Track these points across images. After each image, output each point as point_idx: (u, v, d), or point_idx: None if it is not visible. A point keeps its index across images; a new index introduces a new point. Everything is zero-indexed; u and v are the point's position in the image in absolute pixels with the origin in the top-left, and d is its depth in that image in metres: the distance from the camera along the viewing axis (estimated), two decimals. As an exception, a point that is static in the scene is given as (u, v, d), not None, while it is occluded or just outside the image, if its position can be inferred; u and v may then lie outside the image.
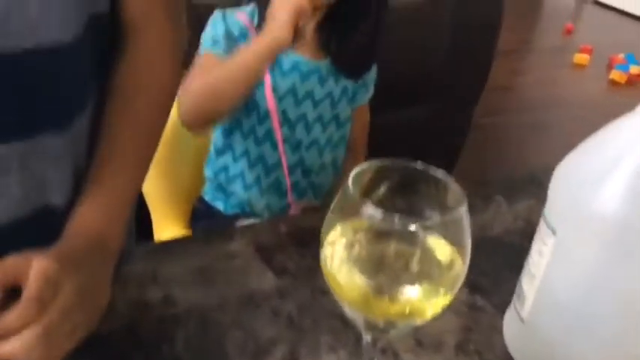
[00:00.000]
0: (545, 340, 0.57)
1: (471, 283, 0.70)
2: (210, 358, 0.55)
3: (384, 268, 0.44)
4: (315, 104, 1.06)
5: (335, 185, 1.13)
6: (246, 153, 1.06)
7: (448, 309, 0.67)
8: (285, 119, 1.04)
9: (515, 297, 0.61)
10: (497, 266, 0.73)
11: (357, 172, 0.42)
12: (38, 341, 0.45)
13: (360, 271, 0.43)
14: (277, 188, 1.07)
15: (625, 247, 0.50)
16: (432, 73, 1.74)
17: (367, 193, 0.44)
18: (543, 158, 0.64)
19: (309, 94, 1.05)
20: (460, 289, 0.70)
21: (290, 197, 1.07)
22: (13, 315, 0.45)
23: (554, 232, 0.54)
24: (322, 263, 0.43)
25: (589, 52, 3.37)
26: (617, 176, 0.50)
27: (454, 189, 0.43)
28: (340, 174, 1.14)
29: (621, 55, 3.30)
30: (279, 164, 1.05)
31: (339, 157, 1.14)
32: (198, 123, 0.97)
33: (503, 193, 0.88)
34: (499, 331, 0.64)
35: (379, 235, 0.44)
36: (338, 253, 0.43)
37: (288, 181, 1.06)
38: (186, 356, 0.55)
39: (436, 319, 0.65)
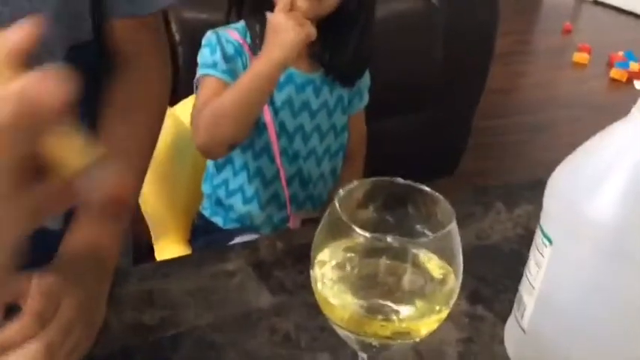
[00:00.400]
0: (547, 349, 0.56)
1: (471, 293, 0.69)
2: (206, 381, 0.55)
3: (376, 288, 0.44)
4: (312, 115, 1.06)
5: (333, 195, 1.12)
6: (245, 166, 1.06)
7: (448, 320, 0.67)
8: (282, 131, 1.04)
9: (515, 307, 0.61)
10: (497, 275, 0.73)
11: (344, 193, 0.42)
12: (40, 357, 0.45)
13: (351, 291, 0.43)
14: (276, 200, 1.07)
15: (622, 253, 0.49)
16: (430, 79, 1.74)
17: (356, 211, 0.44)
18: (546, 160, 0.64)
19: (306, 105, 1.05)
20: (460, 299, 0.70)
21: (289, 209, 1.07)
22: (14, 329, 0.44)
23: (550, 242, 0.53)
24: (313, 284, 0.43)
25: (588, 50, 3.36)
26: (612, 182, 0.49)
27: (443, 205, 0.43)
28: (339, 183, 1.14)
29: (621, 53, 3.28)
30: (277, 176, 1.05)
31: (338, 166, 1.14)
32: (215, 149, 0.98)
33: (503, 200, 0.88)
34: (500, 340, 0.63)
35: (369, 254, 0.43)
36: (328, 273, 0.43)
37: (286, 193, 1.06)
38: (182, 379, 0.55)
39: (436, 330, 0.65)
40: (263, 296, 0.65)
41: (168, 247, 1.10)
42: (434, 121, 1.81)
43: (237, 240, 0.99)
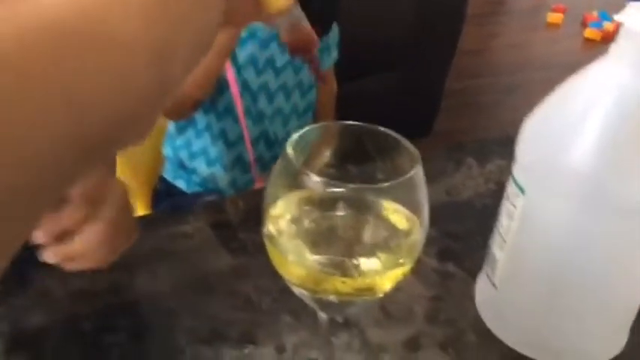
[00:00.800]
0: (519, 306, 0.54)
1: (442, 250, 0.67)
2: (157, 347, 0.51)
3: (335, 242, 0.40)
4: (277, 72, 1.01)
5: None
6: (208, 127, 1.01)
7: (417, 277, 0.64)
8: (246, 90, 0.99)
9: (486, 262, 0.58)
10: (468, 231, 0.70)
11: (296, 138, 0.38)
12: (105, 236, 0.44)
13: (308, 247, 0.39)
14: (241, 162, 1.03)
15: (598, 202, 0.46)
16: (401, 39, 1.70)
17: (310, 159, 0.40)
18: (520, 120, 0.61)
19: (270, 62, 1.00)
20: (430, 256, 0.67)
21: (254, 171, 1.03)
22: (67, 217, 0.42)
23: (522, 192, 0.50)
24: (265, 241, 0.39)
25: (562, 11, 3.33)
26: (586, 129, 0.46)
27: (407, 148, 0.39)
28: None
29: (595, 13, 3.26)
30: (241, 137, 1.01)
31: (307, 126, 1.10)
32: (177, 108, 0.93)
33: (475, 156, 0.85)
34: (471, 298, 0.60)
35: (326, 206, 0.40)
36: (282, 228, 0.39)
37: (251, 155, 1.02)
38: (130, 347, 0.51)
39: (405, 288, 0.62)
40: (223, 258, 0.61)
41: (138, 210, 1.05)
42: (406, 83, 1.77)
43: (202, 204, 0.94)
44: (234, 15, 0.32)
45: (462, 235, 0.69)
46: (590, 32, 3.12)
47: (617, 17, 0.45)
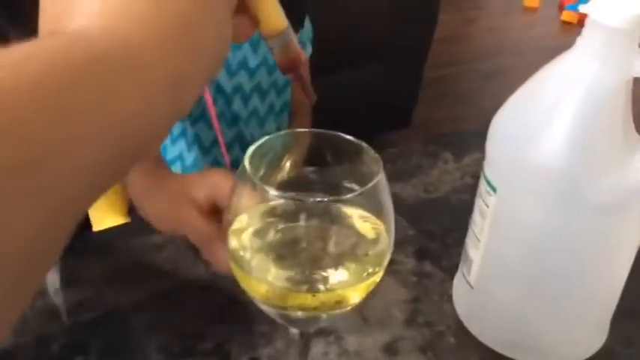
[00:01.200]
0: (496, 306, 0.53)
1: (419, 250, 0.66)
2: (128, 366, 0.50)
3: (301, 255, 0.39)
4: (251, 73, 0.99)
5: None
6: (183, 134, 0.99)
7: (395, 279, 0.63)
8: (219, 93, 0.97)
9: (461, 262, 0.57)
10: (445, 228, 0.69)
11: (254, 149, 0.37)
12: None
13: (272, 261, 0.38)
14: (217, 167, 1.01)
15: (571, 200, 0.45)
16: (376, 29, 1.68)
17: (271, 170, 0.39)
18: (499, 108, 0.61)
19: (243, 64, 0.98)
20: (407, 256, 0.66)
21: (231, 175, 1.01)
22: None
23: (494, 190, 0.49)
24: (229, 257, 0.38)
25: (539, -6, 3.33)
26: (555, 124, 0.45)
27: (368, 154, 0.38)
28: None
29: (571, -5, 3.27)
30: (216, 142, 0.99)
31: (284, 126, 1.08)
32: None
33: (451, 149, 0.84)
34: (449, 298, 0.59)
35: (291, 217, 0.38)
36: (245, 243, 0.38)
37: (227, 159, 1.00)
38: (104, 366, 0.50)
39: (382, 291, 0.61)
40: (195, 270, 0.60)
41: (106, 221, 1.03)
42: (383, 74, 1.76)
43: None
44: (234, 36, 0.33)
45: (438, 233, 0.68)
46: (567, 15, 3.13)
47: (582, 8, 0.44)
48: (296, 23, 1.03)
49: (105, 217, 1.05)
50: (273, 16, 0.36)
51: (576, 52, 0.45)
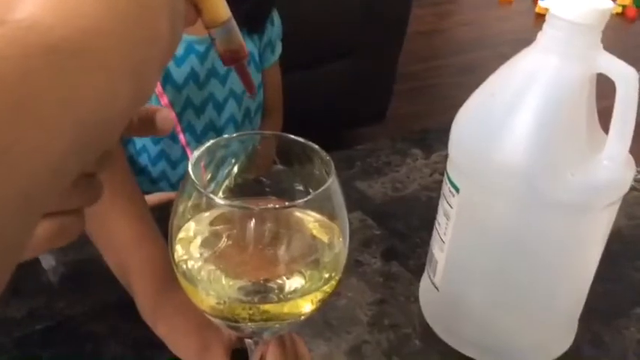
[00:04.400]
0: (462, 308, 0.52)
1: (386, 250, 0.64)
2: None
3: (252, 263, 0.37)
4: (222, 80, 0.97)
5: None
6: (144, 150, 0.97)
7: (361, 281, 0.62)
8: (189, 107, 0.95)
9: (427, 263, 0.56)
10: (413, 227, 0.68)
11: (199, 154, 0.35)
12: None
13: (222, 272, 0.36)
14: None
15: (533, 199, 0.44)
16: (348, 24, 1.66)
17: (218, 174, 0.37)
18: None
19: (212, 72, 0.95)
20: (374, 256, 0.65)
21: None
22: None
23: (457, 190, 0.48)
24: (174, 267, 0.36)
25: (514, -13, 3.34)
26: (517, 123, 0.44)
27: (319, 156, 0.36)
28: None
29: (545, -12, 3.28)
30: (185, 156, 0.97)
31: (257, 127, 1.06)
32: None
33: (420, 146, 0.83)
34: (416, 299, 0.58)
35: (240, 224, 0.36)
36: (192, 254, 0.36)
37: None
38: (55, 380, 0.48)
39: (348, 293, 0.59)
40: (154, 274, 0.58)
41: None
42: (357, 68, 1.74)
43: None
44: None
45: (406, 232, 0.67)
46: (541, 8, 3.14)
47: (542, 3, 0.43)
48: (260, 23, 1.01)
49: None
50: (216, 5, 0.35)
51: (537, 47, 0.44)
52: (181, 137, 0.95)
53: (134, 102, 0.26)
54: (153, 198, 0.91)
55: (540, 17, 3.11)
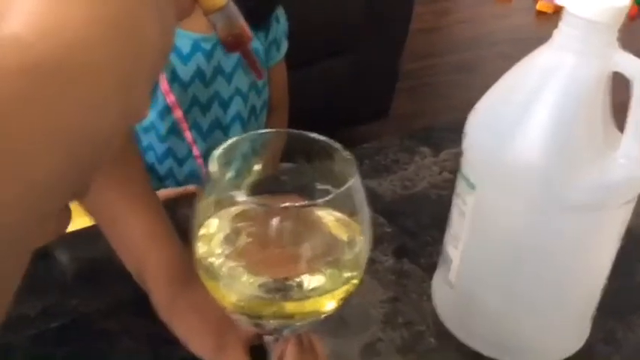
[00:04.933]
0: (476, 305, 0.52)
1: (398, 248, 0.64)
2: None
3: (274, 261, 0.37)
4: (228, 78, 0.97)
5: None
6: (151, 147, 0.96)
7: (374, 279, 0.62)
8: (195, 105, 0.95)
9: (441, 261, 0.56)
10: (423, 225, 0.68)
11: (222, 151, 0.35)
12: None
13: (244, 268, 0.36)
14: (195, 177, 0.99)
15: (549, 198, 0.44)
16: (351, 21, 1.66)
17: (241, 172, 0.37)
18: (475, 100, 0.59)
19: (218, 70, 0.95)
20: (386, 255, 0.65)
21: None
22: None
23: (473, 188, 0.48)
24: (195, 264, 0.36)
25: (513, -16, 3.34)
26: (533, 121, 0.44)
27: (341, 155, 0.36)
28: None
29: (545, -15, 3.28)
30: (191, 154, 0.97)
31: (263, 124, 1.06)
32: None
33: (428, 144, 0.83)
34: (428, 297, 0.58)
35: (263, 222, 0.36)
36: (214, 250, 0.36)
37: (204, 169, 0.98)
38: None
39: (360, 291, 0.59)
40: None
41: (76, 221, 1.00)
42: (360, 65, 1.74)
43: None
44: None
45: (417, 229, 0.67)
46: (542, 5, 3.13)
47: (558, 1, 0.43)
48: (264, 20, 1.01)
49: (76, 219, 1.02)
50: None
51: (553, 45, 0.44)
52: (187, 135, 0.95)
53: (124, 116, 0.24)
54: (160, 194, 0.91)
55: (542, 15, 3.11)
